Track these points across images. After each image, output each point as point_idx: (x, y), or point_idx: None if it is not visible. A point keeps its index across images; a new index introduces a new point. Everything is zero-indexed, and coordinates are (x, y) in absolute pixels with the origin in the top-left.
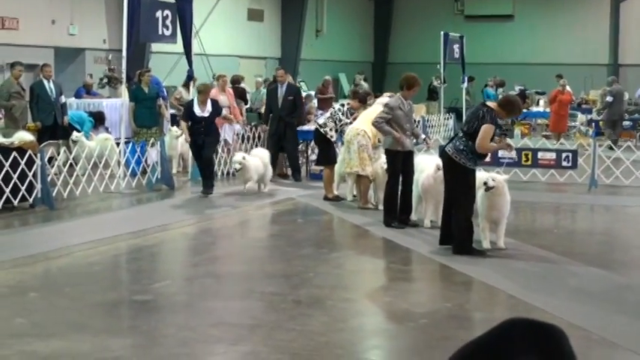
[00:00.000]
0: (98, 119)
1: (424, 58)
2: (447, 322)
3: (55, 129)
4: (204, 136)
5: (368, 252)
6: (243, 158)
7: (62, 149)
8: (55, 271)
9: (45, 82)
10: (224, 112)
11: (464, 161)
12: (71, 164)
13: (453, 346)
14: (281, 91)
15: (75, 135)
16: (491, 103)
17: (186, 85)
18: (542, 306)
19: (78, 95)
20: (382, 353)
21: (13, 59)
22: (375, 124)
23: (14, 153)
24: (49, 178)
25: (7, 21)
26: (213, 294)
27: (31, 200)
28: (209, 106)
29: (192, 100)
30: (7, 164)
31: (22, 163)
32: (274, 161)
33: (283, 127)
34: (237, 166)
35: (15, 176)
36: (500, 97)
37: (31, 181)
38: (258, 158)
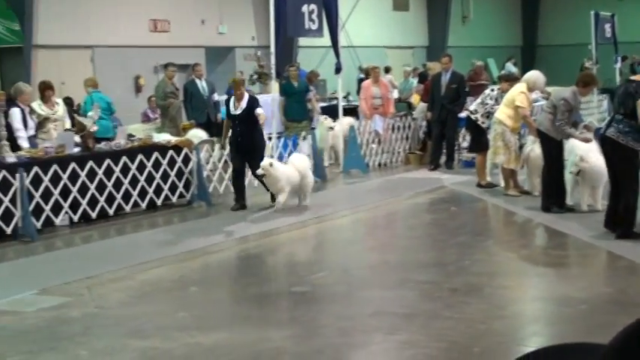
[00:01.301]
0: None
1: (574, 39)
2: (607, 308)
3: (208, 126)
4: (240, 138)
5: (524, 238)
6: (270, 165)
7: (216, 146)
8: (214, 265)
9: (197, 81)
10: (259, 111)
11: (631, 143)
12: (226, 160)
13: (615, 333)
14: (444, 78)
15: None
16: (636, 77)
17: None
18: None
19: (229, 93)
20: (542, 340)
21: (166, 60)
22: (560, 127)
23: (171, 151)
24: (204, 175)
25: (159, 23)
26: (369, 284)
27: (188, 197)
28: (244, 103)
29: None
30: (164, 162)
31: (179, 160)
32: (424, 148)
33: (445, 114)
34: (260, 172)
35: (172, 174)
36: None
37: (188, 179)
38: (293, 166)
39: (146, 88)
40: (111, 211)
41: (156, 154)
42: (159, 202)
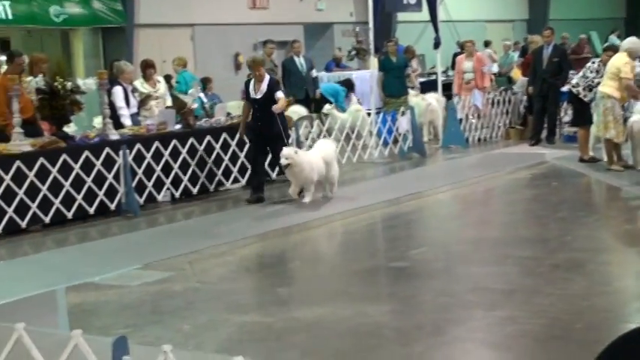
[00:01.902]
0: (348, 87)
1: None
2: None
3: (307, 102)
4: (260, 123)
5: (628, 213)
6: (295, 152)
7: (315, 122)
8: (314, 241)
9: (295, 57)
10: (280, 94)
11: None
12: (325, 136)
13: None
14: (546, 52)
15: (326, 108)
16: None
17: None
18: None
19: (328, 69)
20: None
21: (264, 38)
22: None
23: None
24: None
25: (258, 1)
26: (469, 259)
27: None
28: (264, 85)
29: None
30: None
31: None
32: (525, 123)
33: (547, 88)
34: (284, 161)
35: None
36: None
37: None
38: (320, 154)
39: (245, 65)
40: (211, 187)
41: None
42: None
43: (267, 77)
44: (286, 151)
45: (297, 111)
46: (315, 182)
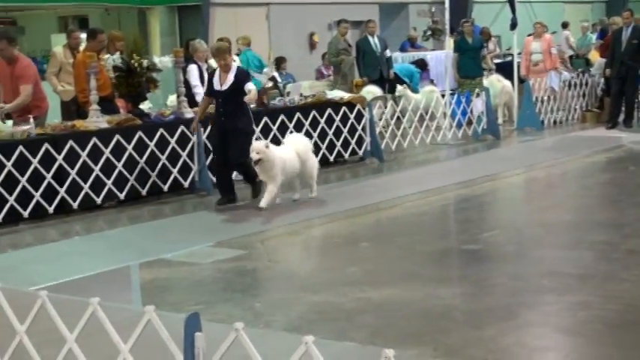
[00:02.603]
0: (421, 67)
1: None
2: None
3: (381, 83)
4: (224, 118)
5: None
6: (267, 147)
7: (389, 102)
8: (385, 222)
9: (369, 37)
10: (250, 86)
11: None
12: (398, 117)
13: None
14: (625, 34)
15: (399, 89)
16: None
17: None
18: None
19: (403, 49)
20: None
21: (339, 17)
22: None
23: (344, 108)
24: (377, 132)
25: None
26: (542, 243)
27: (361, 153)
28: (231, 76)
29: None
30: (337, 119)
31: (352, 117)
32: (602, 106)
33: (625, 70)
34: (255, 156)
35: (345, 130)
36: None
37: (360, 135)
38: (293, 149)
39: (320, 44)
40: None
41: (329, 111)
42: (331, 158)
43: (234, 67)
44: (256, 144)
45: (371, 91)
46: (279, 181)
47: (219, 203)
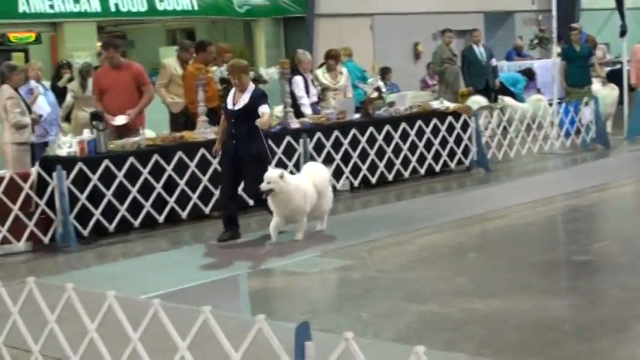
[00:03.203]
0: (528, 76)
1: None
2: None
3: (487, 92)
4: (236, 141)
5: None
6: (281, 177)
7: (495, 112)
8: (492, 232)
9: (474, 47)
10: (264, 109)
11: None
12: (504, 126)
13: None
14: None
15: (500, 100)
16: None
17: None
18: None
19: (509, 58)
20: None
21: (443, 27)
22: None
23: (450, 117)
24: (483, 141)
25: None
26: None
27: (467, 163)
28: (246, 96)
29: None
30: (443, 128)
31: (458, 127)
32: None
33: None
34: (266, 186)
35: (451, 140)
36: None
37: (466, 145)
38: (310, 179)
39: (424, 54)
40: (390, 177)
41: (435, 121)
42: (437, 168)
43: (250, 87)
44: (270, 173)
45: (477, 101)
46: (307, 213)
47: (221, 239)
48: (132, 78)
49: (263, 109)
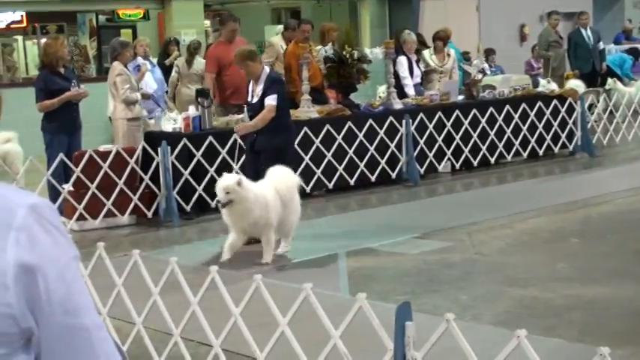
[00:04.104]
0: (634, 55)
1: None
2: None
3: (593, 76)
4: (256, 135)
5: None
6: (239, 184)
7: (602, 96)
8: (595, 218)
9: (582, 30)
10: (269, 101)
11: None
12: (611, 111)
13: None
14: None
15: (609, 82)
16: None
17: None
18: None
19: (617, 41)
20: None
21: (551, 8)
22: None
23: (555, 101)
24: (588, 126)
25: None
26: None
27: (571, 147)
28: (260, 87)
29: None
30: (547, 112)
31: (563, 110)
32: None
33: None
34: (225, 198)
35: (555, 124)
36: None
37: (571, 129)
38: (273, 187)
39: (530, 37)
40: (492, 160)
41: (539, 104)
42: (540, 152)
43: (264, 74)
44: (227, 181)
45: (576, 85)
46: (273, 226)
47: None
48: None
49: (267, 101)
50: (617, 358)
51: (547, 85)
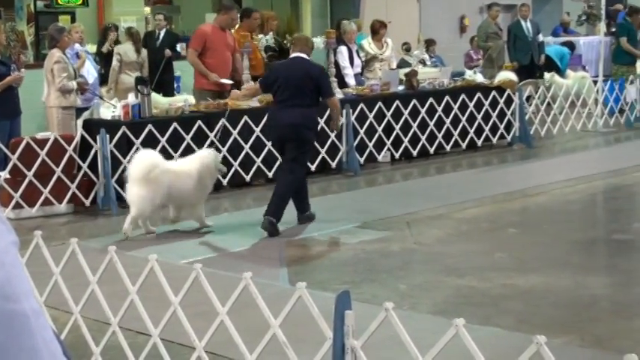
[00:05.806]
0: (570, 47)
1: None
2: None
3: (532, 68)
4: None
5: None
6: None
7: (540, 88)
8: (532, 208)
9: (522, 21)
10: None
11: None
12: (548, 103)
13: None
14: None
15: (547, 76)
16: None
17: None
18: None
19: (555, 34)
20: None
21: (490, 0)
22: None
23: (493, 92)
24: (526, 117)
25: None
26: None
27: (509, 138)
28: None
29: None
30: (486, 103)
31: (501, 102)
32: None
33: None
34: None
35: (494, 115)
36: None
37: (509, 120)
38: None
39: (470, 28)
40: (431, 150)
41: (478, 95)
42: (479, 142)
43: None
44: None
45: (507, 77)
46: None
47: (265, 229)
48: (233, 42)
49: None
50: (553, 346)
51: (473, 76)
